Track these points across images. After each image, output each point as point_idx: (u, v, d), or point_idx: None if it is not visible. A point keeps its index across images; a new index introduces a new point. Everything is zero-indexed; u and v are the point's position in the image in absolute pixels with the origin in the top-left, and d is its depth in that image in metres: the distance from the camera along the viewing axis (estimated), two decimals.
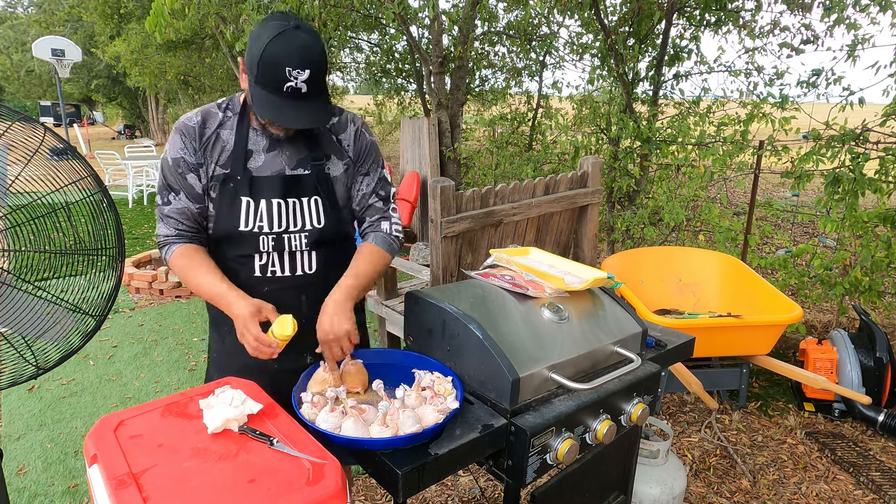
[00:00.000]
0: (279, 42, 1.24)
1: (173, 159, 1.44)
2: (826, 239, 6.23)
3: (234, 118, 1.47)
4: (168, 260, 1.48)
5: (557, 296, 1.56)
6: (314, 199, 1.49)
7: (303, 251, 1.51)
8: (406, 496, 1.13)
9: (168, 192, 1.46)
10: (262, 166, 1.46)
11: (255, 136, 1.47)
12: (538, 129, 7.36)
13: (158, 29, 5.27)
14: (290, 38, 1.24)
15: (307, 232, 1.49)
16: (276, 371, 1.56)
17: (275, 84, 1.27)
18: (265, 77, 1.27)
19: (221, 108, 1.48)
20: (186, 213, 1.46)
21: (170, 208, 1.46)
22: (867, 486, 2.60)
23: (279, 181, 1.46)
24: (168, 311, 4.84)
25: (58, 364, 1.48)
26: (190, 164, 1.44)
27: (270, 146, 1.47)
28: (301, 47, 1.25)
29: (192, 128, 1.44)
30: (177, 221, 1.46)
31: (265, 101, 1.30)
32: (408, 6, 5.84)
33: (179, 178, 1.44)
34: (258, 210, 1.45)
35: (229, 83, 12.39)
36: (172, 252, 1.46)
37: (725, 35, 5.34)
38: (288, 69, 1.25)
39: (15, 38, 22.44)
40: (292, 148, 1.48)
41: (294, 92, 1.28)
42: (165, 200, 1.46)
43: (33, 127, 1.39)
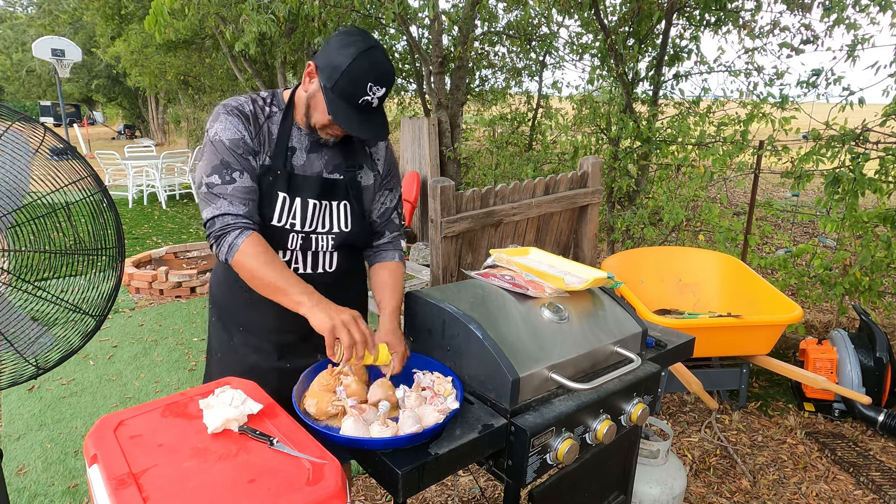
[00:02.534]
0: (365, 58, 1.30)
1: (231, 140, 1.39)
2: (826, 239, 6.23)
3: (279, 113, 1.48)
4: (238, 244, 1.35)
5: (557, 296, 1.56)
6: (344, 204, 1.53)
7: (325, 252, 1.54)
8: (406, 496, 1.13)
9: (230, 170, 1.38)
10: (303, 165, 1.48)
11: (298, 135, 1.48)
12: (538, 129, 7.36)
13: (158, 29, 5.27)
14: (375, 56, 1.31)
15: (334, 234, 1.53)
16: (283, 370, 1.56)
17: (353, 96, 1.32)
18: (345, 87, 1.31)
19: (267, 102, 1.48)
20: (253, 193, 1.41)
21: (235, 187, 1.38)
22: (867, 486, 2.60)
23: (316, 182, 1.48)
24: (168, 311, 4.84)
25: (58, 364, 1.48)
26: (250, 146, 1.41)
27: (312, 148, 1.49)
28: (383, 66, 1.32)
29: (248, 114, 1.43)
30: (247, 201, 1.39)
31: (340, 110, 1.33)
32: (408, 6, 5.84)
33: (241, 158, 1.40)
34: (293, 207, 1.46)
35: (229, 83, 12.38)
36: (247, 236, 1.35)
37: (725, 35, 5.35)
38: (370, 84, 1.31)
39: (15, 38, 22.44)
40: (331, 153, 1.51)
41: (367, 106, 1.34)
42: (227, 178, 1.38)
43: (33, 127, 1.39)
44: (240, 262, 1.35)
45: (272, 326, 1.57)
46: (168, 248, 5.99)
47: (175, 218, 8.59)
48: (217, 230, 1.37)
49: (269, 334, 1.58)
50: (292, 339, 1.58)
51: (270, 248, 1.38)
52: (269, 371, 1.57)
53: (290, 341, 1.59)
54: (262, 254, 1.34)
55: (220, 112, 1.42)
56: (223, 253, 1.37)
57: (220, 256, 1.39)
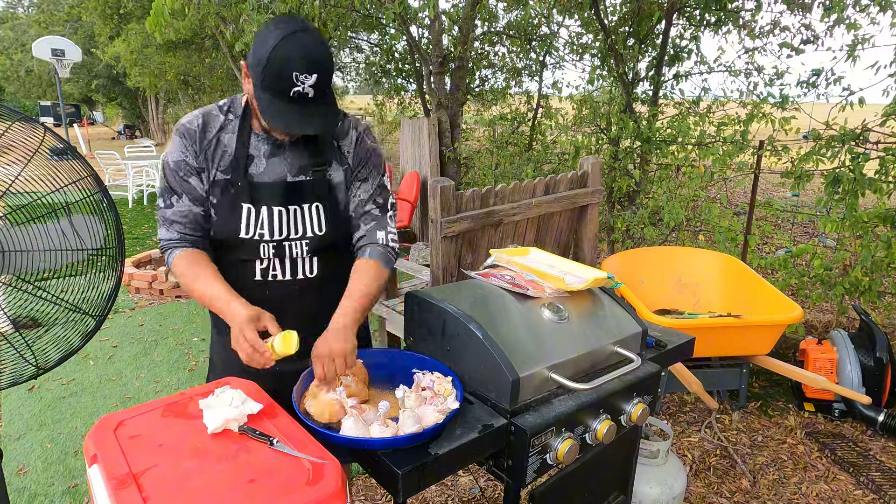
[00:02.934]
0: (285, 46, 1.21)
1: (174, 162, 1.42)
2: (826, 239, 6.23)
3: (235, 122, 1.44)
4: (170, 264, 1.45)
5: (557, 296, 1.56)
6: (315, 206, 1.46)
7: (303, 258, 1.49)
8: (406, 496, 1.13)
9: (170, 194, 1.43)
10: (264, 172, 1.43)
11: (256, 141, 1.44)
12: (538, 129, 7.36)
13: (158, 29, 5.27)
14: (296, 41, 1.21)
15: (308, 239, 1.47)
16: (279, 372, 1.56)
17: (281, 89, 1.23)
18: (271, 82, 1.24)
19: (223, 111, 1.45)
20: (189, 216, 1.44)
21: (172, 211, 1.43)
22: (867, 486, 2.60)
23: (281, 188, 1.43)
24: (168, 311, 4.84)
25: (58, 364, 1.48)
26: (192, 167, 1.42)
27: (272, 152, 1.44)
28: (308, 50, 1.22)
29: (194, 131, 1.41)
30: (179, 225, 1.44)
31: (272, 107, 1.26)
32: (408, 6, 5.84)
33: (181, 181, 1.42)
34: (259, 217, 1.43)
35: (229, 83, 12.38)
36: (174, 256, 1.43)
37: (725, 35, 5.35)
38: (295, 74, 1.22)
39: (15, 38, 22.43)
40: (294, 154, 1.45)
41: (301, 97, 1.25)
42: (168, 203, 1.44)
43: (33, 127, 1.38)
44: (177, 277, 1.46)
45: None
46: None
47: None
48: (161, 250, 1.49)
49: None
50: None
51: (198, 262, 1.42)
52: (268, 373, 1.56)
53: None
54: (185, 270, 1.42)
55: (173, 132, 1.45)
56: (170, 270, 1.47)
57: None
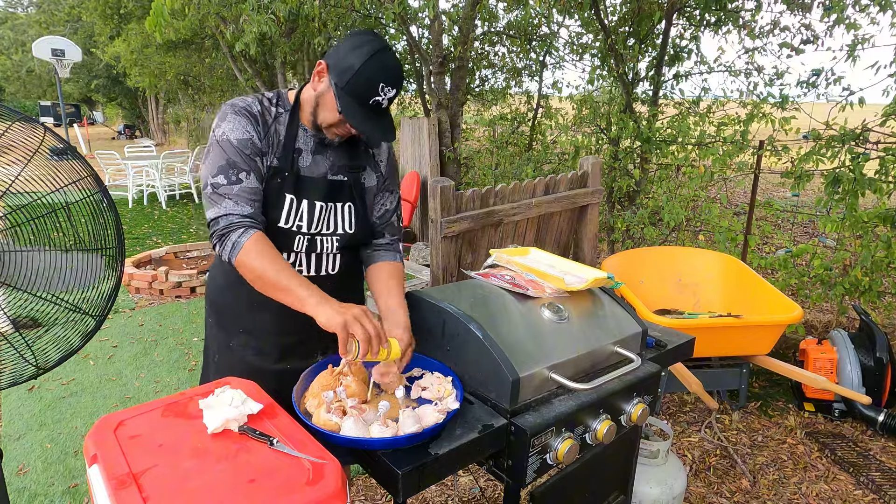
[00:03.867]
0: (378, 60, 1.31)
1: (239, 140, 1.38)
2: (826, 239, 6.23)
3: (285, 115, 1.47)
4: (242, 243, 1.32)
5: (557, 296, 1.56)
6: (348, 206, 1.53)
7: (329, 254, 1.54)
8: (406, 496, 1.13)
9: (237, 171, 1.37)
10: (309, 167, 1.48)
11: (304, 136, 1.47)
12: (538, 129, 7.36)
13: (158, 29, 5.28)
14: (387, 58, 1.32)
15: (338, 236, 1.52)
16: (283, 372, 1.56)
17: (365, 96, 1.32)
18: (358, 87, 1.31)
19: (273, 103, 1.47)
20: (258, 194, 1.40)
21: (241, 187, 1.37)
22: (867, 486, 2.60)
23: (322, 183, 1.48)
24: (168, 311, 4.84)
25: (58, 364, 1.48)
26: (258, 147, 1.41)
27: (317, 149, 1.49)
28: (395, 69, 1.33)
29: (256, 115, 1.42)
30: (252, 201, 1.38)
31: (351, 108, 1.33)
32: (408, 6, 5.84)
33: (248, 159, 1.39)
34: (300, 209, 1.46)
35: (229, 83, 12.38)
36: (251, 235, 1.33)
37: (725, 35, 5.35)
38: (381, 85, 1.32)
39: (15, 38, 22.44)
40: (336, 154, 1.51)
41: (376, 106, 1.34)
42: (234, 179, 1.36)
43: (33, 127, 1.38)
44: (243, 260, 1.32)
45: (273, 328, 1.56)
46: (168, 248, 5.99)
47: (175, 218, 8.59)
48: (221, 229, 1.35)
49: (269, 336, 1.57)
50: (293, 340, 1.58)
51: (275, 248, 1.36)
52: (269, 373, 1.56)
53: (290, 343, 1.58)
54: (266, 252, 1.32)
55: (228, 112, 1.40)
56: (227, 251, 1.34)
57: (223, 256, 1.36)
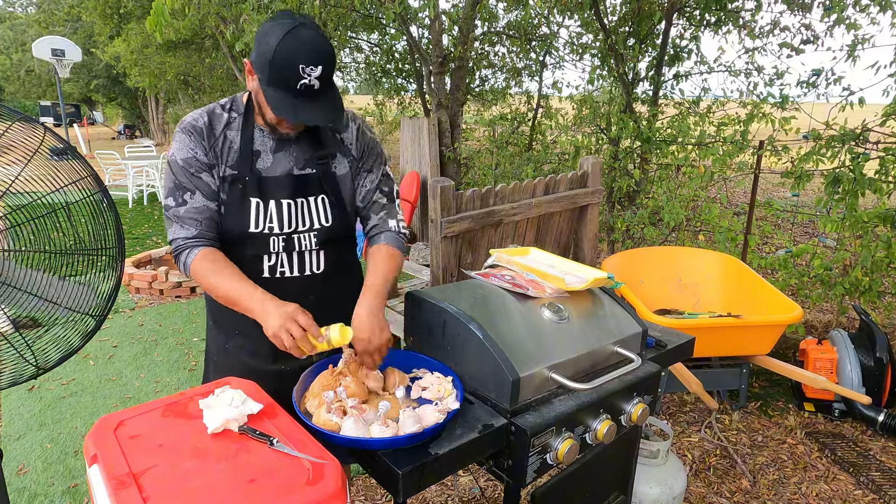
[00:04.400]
0: (289, 40, 1.23)
1: (184, 159, 1.40)
2: (826, 239, 6.23)
3: (239, 119, 1.45)
4: (189, 265, 1.40)
5: (557, 296, 1.56)
6: (321, 198, 1.50)
7: (311, 250, 1.51)
8: (406, 496, 1.13)
9: (182, 192, 1.40)
10: (271, 167, 1.45)
11: (261, 137, 1.46)
12: (538, 129, 7.36)
13: (158, 29, 5.27)
14: (299, 35, 1.24)
15: (315, 231, 1.50)
16: (280, 373, 1.56)
17: (288, 83, 1.26)
18: (278, 76, 1.26)
19: (225, 109, 1.46)
20: (205, 211, 1.42)
21: (186, 209, 1.40)
22: (867, 486, 2.60)
23: (288, 181, 1.45)
24: (168, 311, 4.84)
25: (58, 364, 1.48)
26: (203, 163, 1.41)
27: (278, 146, 1.47)
28: (312, 44, 1.25)
29: (201, 128, 1.41)
30: (196, 222, 1.41)
31: (280, 101, 1.28)
32: (408, 6, 5.84)
33: (193, 177, 1.40)
34: (268, 211, 1.44)
35: (229, 83, 12.38)
36: (195, 255, 1.39)
37: (725, 35, 5.35)
38: (301, 66, 1.24)
39: (15, 38, 22.43)
40: (299, 148, 1.48)
41: (308, 89, 1.27)
42: (180, 201, 1.40)
43: (33, 127, 1.38)
44: (195, 279, 1.40)
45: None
46: (168, 248, 5.99)
47: None
48: (174, 252, 1.43)
49: (263, 337, 1.57)
50: None
51: (220, 260, 1.40)
52: (266, 373, 1.55)
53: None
54: (209, 268, 1.37)
55: (177, 131, 1.43)
56: (183, 273, 1.43)
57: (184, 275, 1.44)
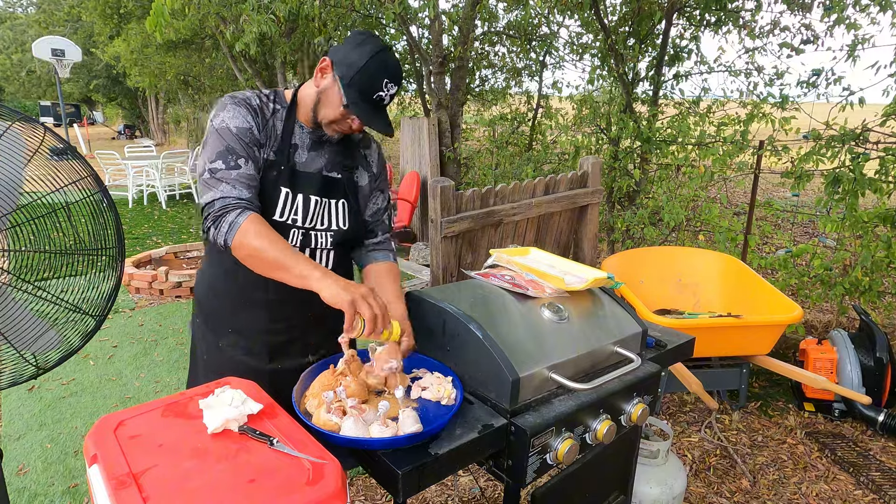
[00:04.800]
0: (382, 56, 1.38)
1: (238, 128, 1.40)
2: (826, 239, 6.23)
3: (282, 111, 1.50)
4: (240, 223, 1.31)
5: (557, 296, 1.56)
6: (342, 202, 1.56)
7: (324, 249, 1.55)
8: (406, 496, 1.13)
9: (235, 156, 1.38)
10: (305, 162, 1.51)
11: (300, 133, 1.51)
12: (538, 129, 7.36)
13: (158, 29, 5.28)
14: (389, 56, 1.40)
15: (332, 232, 1.55)
16: (275, 372, 1.56)
17: (368, 92, 1.38)
18: (362, 84, 1.37)
19: (270, 99, 1.50)
20: (255, 182, 1.41)
21: (238, 173, 1.37)
22: (867, 486, 2.60)
23: (317, 179, 1.51)
24: (168, 311, 4.84)
25: (58, 364, 1.48)
26: (256, 138, 1.43)
27: (313, 146, 1.52)
28: (397, 68, 1.41)
29: (255, 107, 1.44)
30: (249, 187, 1.39)
31: (357, 103, 1.39)
32: (408, 6, 5.84)
33: (247, 146, 1.40)
34: (295, 202, 1.48)
35: (229, 83, 12.38)
36: (248, 215, 1.32)
37: (725, 35, 5.35)
38: (385, 81, 1.39)
39: (15, 38, 22.44)
40: (331, 152, 1.55)
41: (379, 101, 1.41)
42: (232, 164, 1.37)
43: (33, 127, 1.38)
44: (241, 240, 1.31)
45: (262, 328, 1.56)
46: (168, 248, 5.99)
47: (175, 218, 8.59)
48: (216, 211, 1.33)
49: (258, 335, 1.57)
50: (282, 340, 1.58)
51: (272, 229, 1.35)
52: (261, 373, 1.56)
53: (279, 342, 1.58)
54: (264, 232, 1.31)
55: (228, 102, 1.43)
56: (222, 233, 1.32)
57: (217, 238, 1.33)
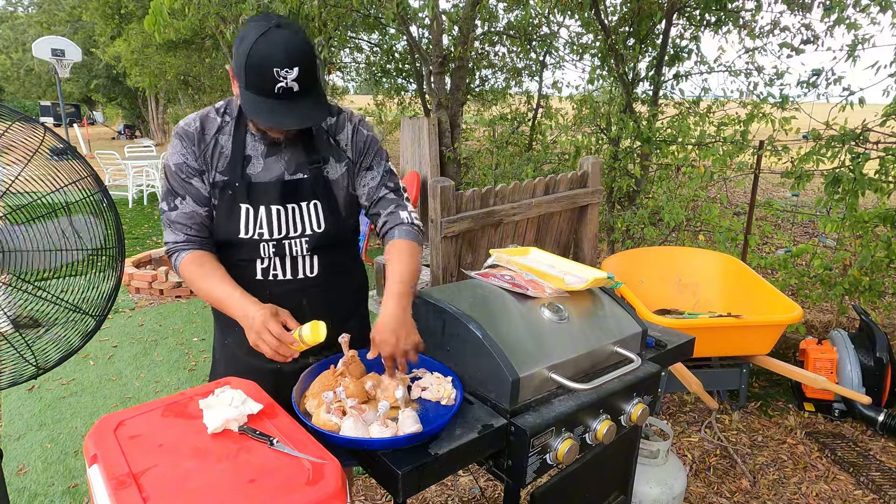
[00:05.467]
0: (263, 43, 1.21)
1: (175, 164, 1.42)
2: (826, 239, 6.23)
3: (231, 123, 1.44)
4: (178, 267, 1.44)
5: (557, 296, 1.56)
6: (313, 204, 1.47)
7: (304, 256, 1.49)
8: (406, 496, 1.13)
9: (174, 197, 1.43)
10: (261, 172, 1.44)
11: (252, 142, 1.45)
12: (538, 129, 7.35)
13: (157, 29, 5.27)
14: (273, 37, 1.22)
15: (307, 237, 1.48)
16: (278, 372, 1.56)
17: (265, 86, 1.23)
18: (254, 81, 1.24)
19: (219, 113, 1.46)
20: (195, 217, 1.44)
21: (177, 213, 1.43)
22: (867, 486, 2.60)
23: (278, 187, 1.44)
24: (168, 311, 4.84)
25: (58, 364, 1.48)
26: (193, 168, 1.42)
27: (269, 151, 1.45)
28: (286, 45, 1.22)
29: (192, 133, 1.42)
30: (185, 227, 1.44)
31: (258, 106, 1.26)
32: (408, 6, 5.84)
33: (184, 182, 1.42)
34: (258, 217, 1.43)
35: (229, 83, 12.36)
36: (182, 259, 1.43)
37: (725, 35, 5.34)
38: (276, 69, 1.22)
39: (15, 38, 22.44)
40: (291, 152, 1.46)
41: (286, 92, 1.24)
42: (172, 206, 1.43)
43: (33, 127, 1.38)
44: (185, 283, 1.45)
45: None
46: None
47: None
48: (167, 255, 1.48)
49: None
50: None
51: (207, 263, 1.42)
52: (263, 372, 1.55)
53: None
54: (195, 272, 1.41)
55: (173, 135, 1.45)
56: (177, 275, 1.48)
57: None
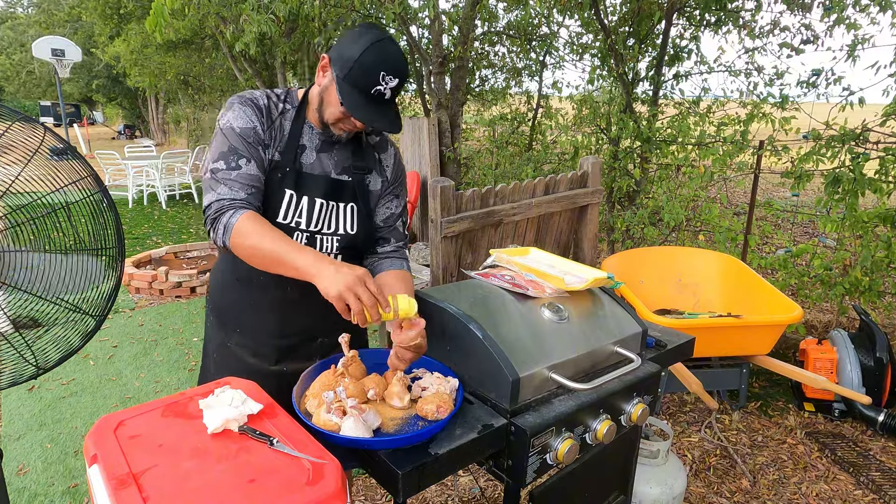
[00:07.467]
0: (378, 48, 1.31)
1: (242, 128, 1.39)
2: (826, 239, 6.23)
3: (292, 111, 1.48)
4: (233, 223, 1.31)
5: (557, 296, 1.56)
6: (351, 206, 1.52)
7: (331, 253, 1.51)
8: (406, 496, 1.13)
9: (237, 157, 1.38)
10: (312, 164, 1.48)
11: (309, 133, 1.48)
12: (538, 129, 7.35)
13: (158, 29, 5.28)
14: (387, 47, 1.32)
15: (339, 236, 1.51)
16: (280, 374, 1.56)
17: (366, 85, 1.32)
18: (358, 76, 1.32)
19: (280, 99, 1.48)
20: (257, 183, 1.40)
21: (238, 173, 1.37)
22: (867, 486, 2.60)
23: (324, 182, 1.47)
24: (168, 311, 4.84)
25: (58, 364, 1.48)
26: (261, 137, 1.42)
27: (322, 147, 1.49)
28: (396, 57, 1.33)
29: (262, 106, 1.43)
30: (246, 186, 1.37)
31: (352, 99, 1.34)
32: (408, 6, 5.84)
33: (250, 146, 1.39)
34: (299, 205, 1.45)
35: (229, 83, 12.38)
36: (241, 214, 1.32)
37: (725, 35, 5.34)
38: (382, 73, 1.32)
39: (15, 38, 22.45)
40: (341, 154, 1.51)
41: (379, 96, 1.34)
42: (233, 165, 1.37)
43: (33, 127, 1.38)
44: (235, 241, 1.31)
45: (273, 330, 1.55)
46: (168, 248, 5.99)
47: (175, 218, 8.59)
48: (213, 213, 1.35)
49: (268, 338, 1.56)
50: (291, 343, 1.57)
51: (267, 223, 1.33)
52: (267, 374, 1.55)
53: (288, 346, 1.57)
54: (257, 228, 1.30)
55: (235, 102, 1.42)
56: (219, 235, 1.33)
57: (217, 240, 1.34)
